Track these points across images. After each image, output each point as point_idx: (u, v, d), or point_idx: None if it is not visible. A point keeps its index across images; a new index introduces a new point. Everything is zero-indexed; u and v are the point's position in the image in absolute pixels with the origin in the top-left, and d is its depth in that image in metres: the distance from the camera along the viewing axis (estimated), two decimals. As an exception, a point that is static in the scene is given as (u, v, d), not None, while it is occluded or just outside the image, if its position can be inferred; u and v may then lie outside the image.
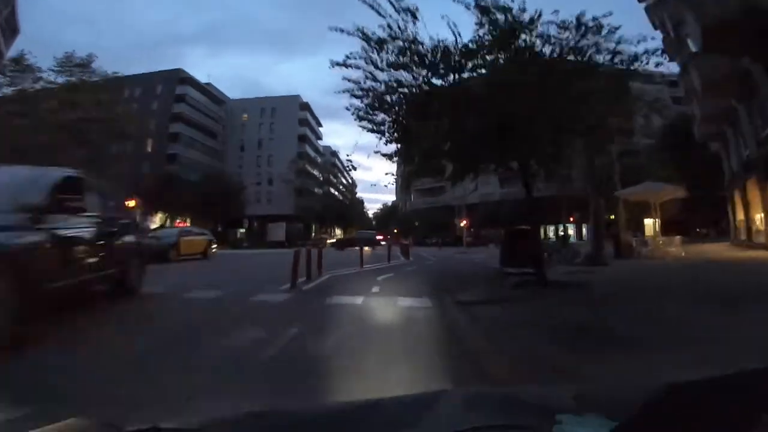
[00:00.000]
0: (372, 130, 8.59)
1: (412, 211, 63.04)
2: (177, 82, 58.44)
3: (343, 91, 8.12)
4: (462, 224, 39.82)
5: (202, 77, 63.93)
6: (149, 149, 54.71)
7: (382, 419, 0.70)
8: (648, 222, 24.15)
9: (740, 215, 21.51)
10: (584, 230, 47.86)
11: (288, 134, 63.98)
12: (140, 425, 0.54)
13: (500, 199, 50.65)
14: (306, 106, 70.14)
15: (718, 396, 0.50)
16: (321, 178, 67.73)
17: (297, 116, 67.14)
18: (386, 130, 8.56)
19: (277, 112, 66.86)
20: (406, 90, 7.93)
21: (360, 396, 1.96)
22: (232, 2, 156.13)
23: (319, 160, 67.02)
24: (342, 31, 7.31)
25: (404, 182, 11.97)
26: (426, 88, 7.71)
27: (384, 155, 9.38)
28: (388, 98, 8.22)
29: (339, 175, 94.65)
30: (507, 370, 3.08)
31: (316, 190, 65.63)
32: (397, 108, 8.36)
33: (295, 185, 58.02)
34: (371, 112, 8.36)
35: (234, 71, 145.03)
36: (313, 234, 53.63)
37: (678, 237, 14.92)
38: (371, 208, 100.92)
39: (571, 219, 45.96)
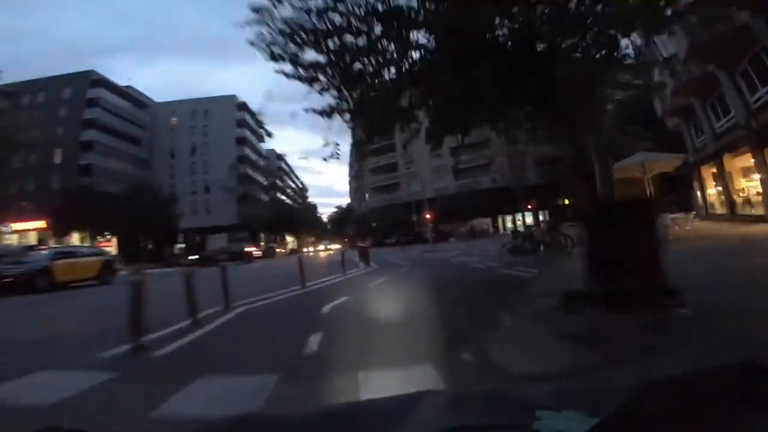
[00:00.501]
0: (297, 77, 5.77)
1: (368, 211, 59.50)
2: (88, 85, 51.20)
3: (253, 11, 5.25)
4: (427, 218, 36.74)
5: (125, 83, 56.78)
6: (58, 160, 47.37)
7: (367, 421, 0.70)
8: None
9: (711, 189, 21.12)
10: (540, 218, 46.51)
11: (225, 137, 58.36)
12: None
13: (456, 192, 48.28)
14: (244, 106, 64.51)
15: (699, 392, 0.49)
16: (266, 183, 62.35)
17: (234, 117, 61.49)
18: (322, 73, 5.77)
19: (212, 114, 61.04)
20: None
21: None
22: (162, 12, 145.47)
23: (262, 163, 61.53)
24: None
25: (358, 152, 8.22)
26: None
27: (319, 113, 6.28)
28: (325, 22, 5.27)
29: (286, 178, 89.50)
30: None
31: (262, 196, 60.26)
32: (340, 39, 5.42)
33: (238, 192, 52.44)
34: (296, 46, 5.50)
35: (170, 80, 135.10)
36: (261, 243, 48.45)
37: (692, 213, 12.44)
38: (325, 213, 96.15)
39: (529, 207, 44.49)
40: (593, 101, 6.17)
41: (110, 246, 48.00)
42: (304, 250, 67.76)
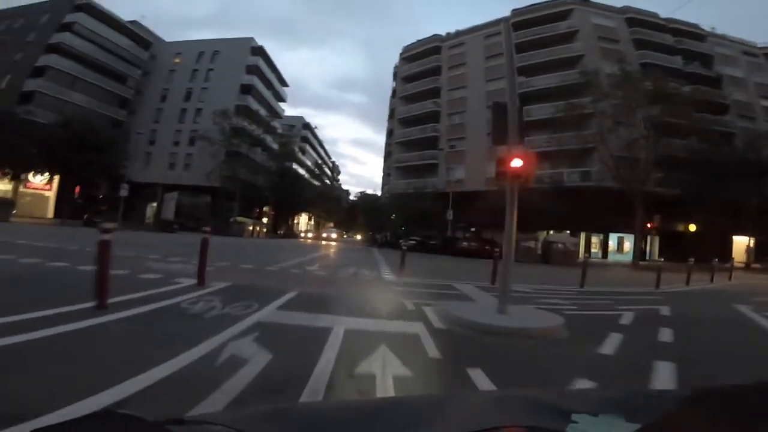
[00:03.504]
0: None
1: (390, 197, 45.69)
2: (70, 10, 41.46)
3: None
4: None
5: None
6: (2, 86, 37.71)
7: (402, 417, 0.69)
8: None
9: None
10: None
11: (228, 84, 46.49)
12: (163, 417, 0.56)
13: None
14: (260, 51, 52.52)
15: (740, 404, 0.49)
16: (276, 148, 49.97)
17: (245, 62, 49.57)
18: None
19: (221, 56, 49.60)
20: None
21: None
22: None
23: (263, 113, 49.06)
24: None
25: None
26: None
27: None
28: None
29: (311, 152, 77.43)
30: None
31: (268, 162, 47.98)
32: None
33: (224, 146, 40.36)
34: None
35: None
36: (234, 217, 36.04)
37: None
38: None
39: (648, 226, 28.98)
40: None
41: (46, 190, 37.89)
42: (305, 234, 56.78)
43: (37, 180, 35.42)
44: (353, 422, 0.66)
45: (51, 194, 38.15)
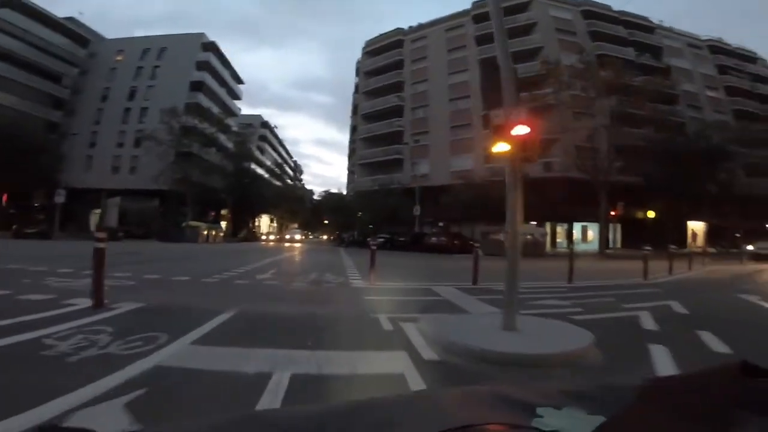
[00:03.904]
0: None
1: (355, 194, 44.22)
2: None
3: None
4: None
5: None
6: None
7: (368, 419, 0.68)
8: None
9: None
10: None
11: (177, 81, 43.34)
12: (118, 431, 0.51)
13: (486, 179, 32.66)
14: (211, 46, 49.55)
15: (699, 392, 0.51)
16: (232, 147, 47.16)
17: (195, 59, 46.52)
18: None
19: (168, 53, 46.36)
20: None
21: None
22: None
23: (215, 110, 46.10)
24: None
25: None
26: None
27: None
28: None
29: (270, 151, 74.52)
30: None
31: (223, 161, 45.07)
32: None
33: (174, 146, 37.43)
34: None
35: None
36: (186, 222, 33.27)
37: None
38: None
39: (612, 213, 29.03)
40: None
41: None
42: (266, 236, 53.86)
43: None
44: (327, 425, 0.63)
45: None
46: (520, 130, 3.81)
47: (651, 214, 32.24)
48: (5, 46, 37.81)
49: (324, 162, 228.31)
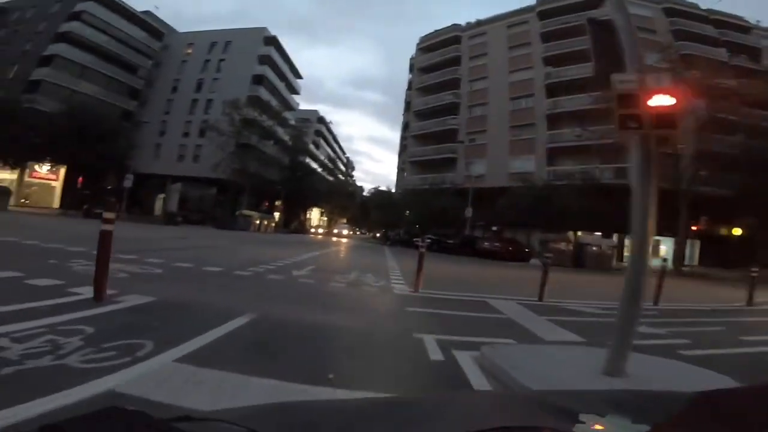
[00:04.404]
0: None
1: (404, 192, 43.26)
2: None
3: None
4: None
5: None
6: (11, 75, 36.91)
7: (402, 416, 0.69)
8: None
9: None
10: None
11: (240, 74, 44.73)
12: (171, 415, 0.56)
13: (547, 182, 30.46)
14: (273, 41, 50.66)
15: (751, 407, 0.50)
16: (288, 140, 48.08)
17: (257, 52, 47.79)
18: None
19: (233, 47, 47.86)
20: None
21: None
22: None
23: (274, 104, 47.06)
24: None
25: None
26: None
27: None
28: None
29: (326, 147, 75.53)
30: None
31: (279, 154, 46.12)
32: None
33: (234, 137, 38.56)
34: None
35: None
36: (240, 211, 34.01)
37: None
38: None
39: (694, 228, 26.00)
40: None
41: (52, 179, 36.72)
42: (315, 229, 54.33)
43: (43, 170, 34.24)
44: (356, 420, 0.65)
45: (57, 184, 37.04)
46: (661, 100, 2.71)
47: (737, 231, 28.54)
48: (93, 39, 40.89)
49: (375, 159, 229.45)
